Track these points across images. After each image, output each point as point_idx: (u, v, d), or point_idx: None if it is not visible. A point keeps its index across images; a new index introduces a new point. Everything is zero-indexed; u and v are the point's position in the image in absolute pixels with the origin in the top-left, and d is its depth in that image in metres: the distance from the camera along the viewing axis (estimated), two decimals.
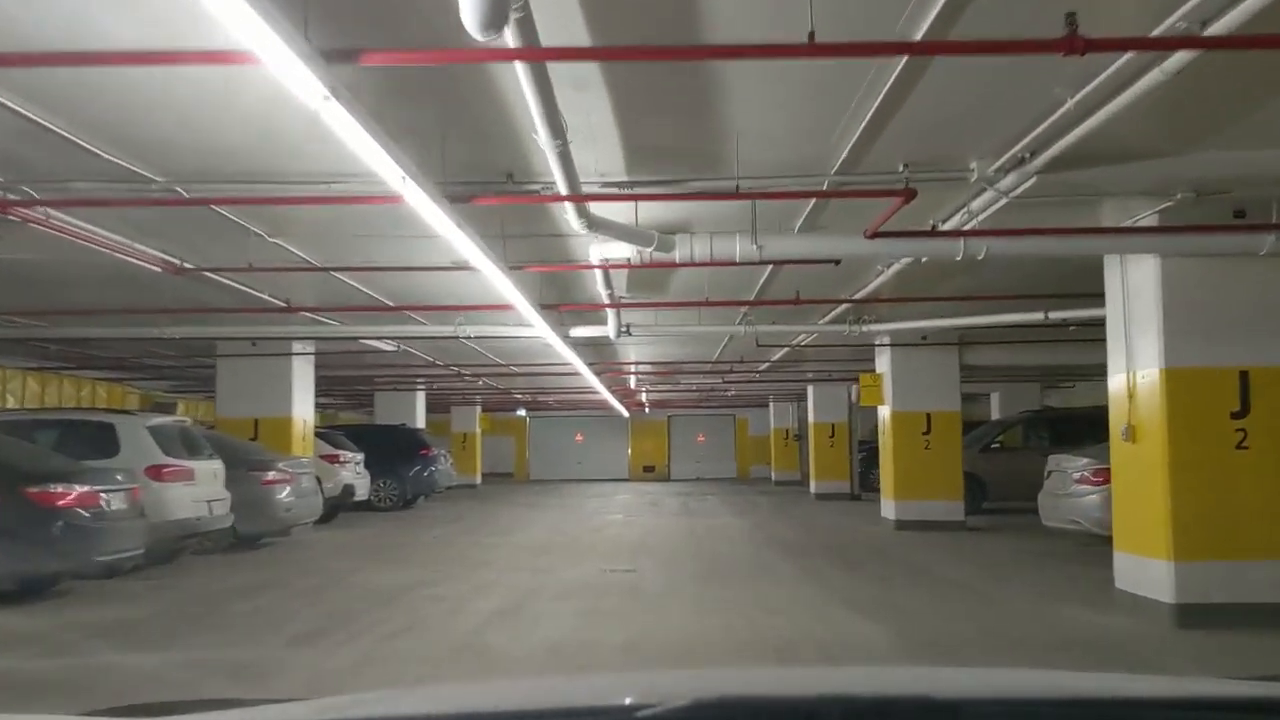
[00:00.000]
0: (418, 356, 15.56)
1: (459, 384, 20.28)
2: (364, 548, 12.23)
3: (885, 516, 13.96)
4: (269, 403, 13.54)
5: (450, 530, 14.43)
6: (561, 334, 10.51)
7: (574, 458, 34.17)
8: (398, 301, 9.63)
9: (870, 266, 8.71)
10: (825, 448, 20.82)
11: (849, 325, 10.39)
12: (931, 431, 13.56)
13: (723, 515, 16.89)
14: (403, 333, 10.71)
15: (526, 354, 15.32)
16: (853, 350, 14.95)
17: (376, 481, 18.26)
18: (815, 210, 6.42)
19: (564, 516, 16.81)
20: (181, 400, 21.32)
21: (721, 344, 14.17)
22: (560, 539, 13.00)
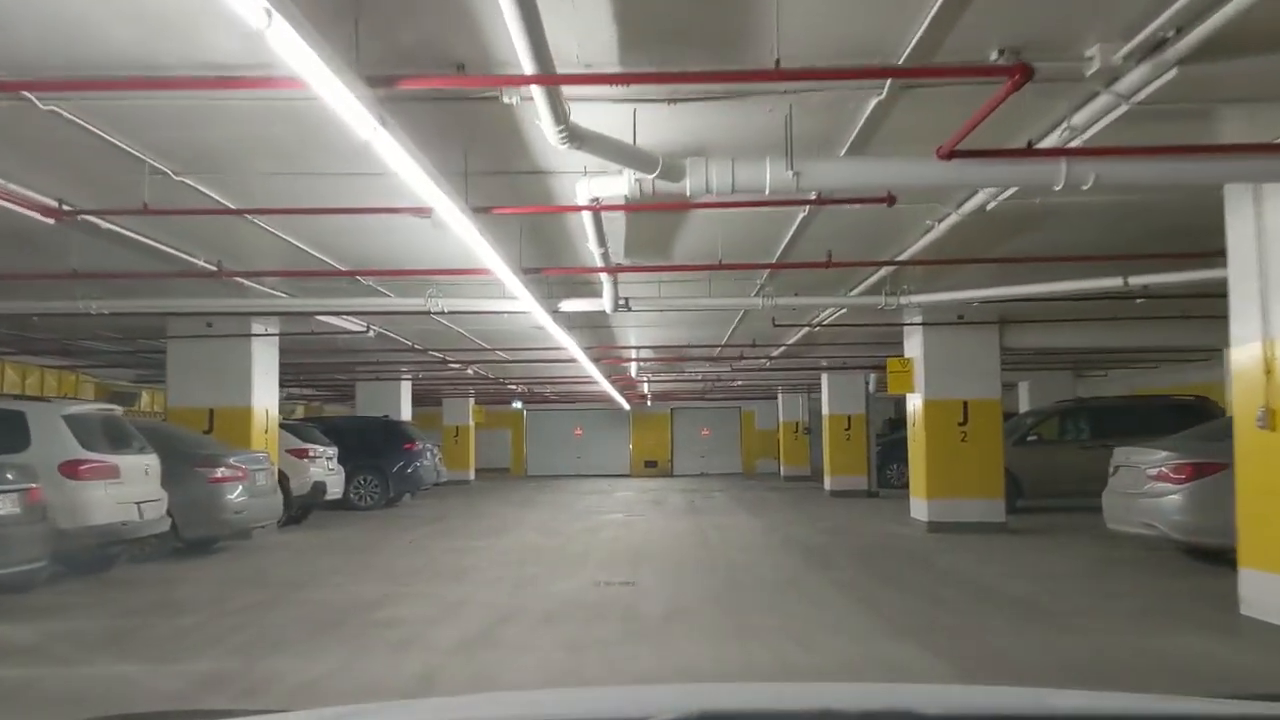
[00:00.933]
0: (397, 341, 14.09)
1: (446, 374, 18.81)
2: (329, 554, 10.77)
3: (915, 517, 12.48)
4: (226, 391, 12.08)
5: (430, 532, 12.97)
6: (550, 308, 9.04)
7: (573, 452, 32.76)
8: (351, 265, 8.14)
9: (918, 221, 7.23)
10: (841, 441, 19.35)
11: (885, 296, 8.91)
12: (969, 422, 12.08)
13: (733, 514, 15.41)
14: (366, 307, 9.23)
15: (515, 337, 13.84)
16: (875, 333, 13.50)
17: (356, 478, 16.87)
18: (871, 123, 4.94)
19: (558, 516, 15.36)
20: (147, 390, 19.89)
21: (733, 323, 12.69)
22: (551, 543, 11.54)
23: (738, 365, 17.85)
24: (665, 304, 9.31)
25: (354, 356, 15.94)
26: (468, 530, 13.18)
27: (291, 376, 19.58)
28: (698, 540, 11.60)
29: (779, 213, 7.05)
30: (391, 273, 8.21)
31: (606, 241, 6.77)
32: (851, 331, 13.42)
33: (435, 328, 13.26)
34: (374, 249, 7.90)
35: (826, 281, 9.42)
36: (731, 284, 9.49)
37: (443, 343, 14.33)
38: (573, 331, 12.23)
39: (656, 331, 14.01)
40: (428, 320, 12.65)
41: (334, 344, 13.50)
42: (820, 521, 13.87)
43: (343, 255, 8.03)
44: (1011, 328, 12.22)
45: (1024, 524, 12.29)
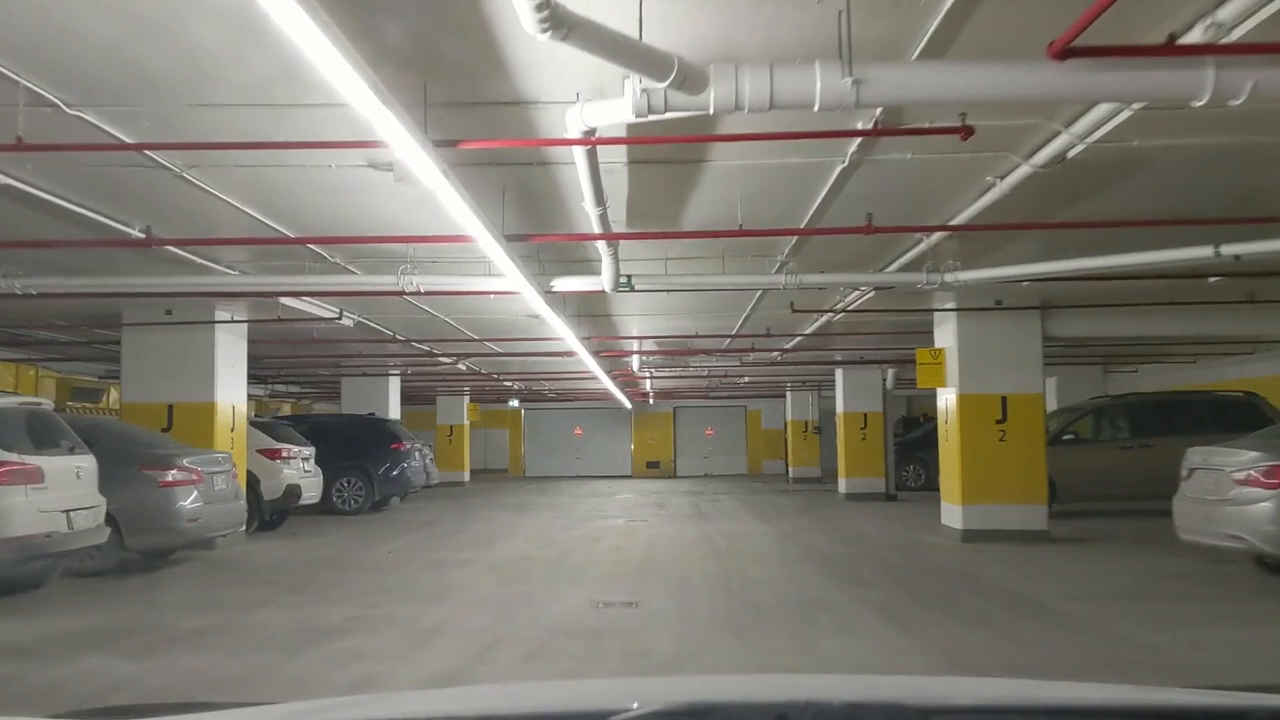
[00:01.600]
0: (379, 332, 12.94)
1: (438, 370, 17.67)
2: (296, 567, 9.63)
3: (947, 524, 11.32)
4: (187, 385, 10.92)
5: (415, 541, 11.83)
6: (542, 287, 7.89)
7: (572, 452, 31.62)
8: (302, 231, 6.98)
9: (976, 177, 6.08)
10: (856, 441, 18.19)
11: (925, 274, 7.74)
12: (1008, 419, 10.92)
13: (742, 520, 14.26)
14: (329, 286, 8.07)
15: (507, 326, 12.69)
16: (898, 323, 12.36)
17: (340, 481, 15.77)
18: (948, 26, 3.78)
19: (555, 521, 14.20)
20: (115, 386, 18.76)
21: (746, 309, 11.52)
22: (546, 553, 10.39)
23: (747, 360, 16.69)
24: (673, 283, 8.15)
25: (336, 349, 14.80)
26: (455, 538, 12.03)
27: (272, 372, 18.48)
28: (707, 550, 10.45)
29: (809, 168, 5.90)
30: (350, 239, 7.03)
31: (605, 200, 5.62)
32: (874, 320, 12.24)
33: (419, 316, 12.11)
34: (333, 214, 6.75)
35: (858, 257, 8.26)
36: (748, 261, 8.34)
37: (428, 333, 13.19)
38: (570, 320, 11.09)
39: (661, 321, 12.86)
40: (410, 308, 11.52)
41: (309, 334, 12.34)
42: (838, 528, 12.71)
43: (298, 222, 6.88)
44: (1055, 314, 11.07)
45: (1067, 531, 11.12)
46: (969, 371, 10.98)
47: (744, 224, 6.37)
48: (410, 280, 7.70)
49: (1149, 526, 12.53)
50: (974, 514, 10.81)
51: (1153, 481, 13.85)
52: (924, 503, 16.82)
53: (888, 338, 13.79)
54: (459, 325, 12.69)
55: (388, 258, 7.98)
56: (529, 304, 9.04)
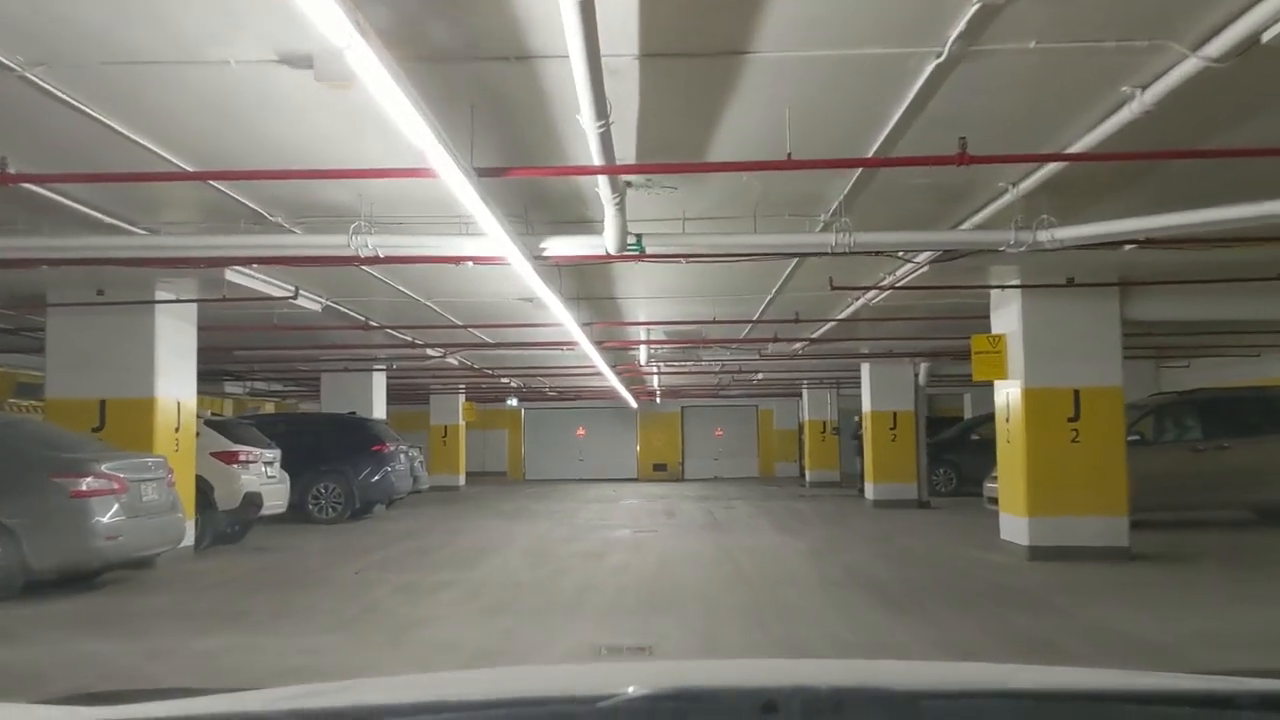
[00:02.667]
0: (351, 318, 11.37)
1: (426, 364, 16.09)
2: (241, 592, 8.08)
3: (1009, 540, 9.70)
4: (123, 378, 9.37)
5: (391, 557, 10.26)
6: (530, 251, 6.31)
7: (575, 454, 30.06)
8: (203, 164, 5.34)
9: (1109, 85, 4.49)
10: (885, 442, 16.58)
11: (1014, 231, 6.13)
12: (1081, 417, 9.32)
13: (764, 531, 12.66)
14: (263, 248, 6.42)
15: (496, 310, 11.13)
16: (946, 305, 10.78)
17: (316, 487, 14.25)
18: None
19: (553, 532, 12.63)
20: None
21: (774, 288, 9.92)
22: (540, 573, 8.80)
23: (766, 353, 15.10)
24: (693, 245, 6.55)
25: (311, 340, 13.22)
26: (438, 554, 10.45)
27: (245, 367, 16.94)
28: (729, 570, 8.86)
29: (888, 67, 4.31)
30: (265, 174, 5.35)
31: (609, 111, 4.04)
32: (918, 304, 10.65)
33: (397, 299, 10.55)
34: (244, 140, 5.16)
35: (922, 213, 6.67)
36: (785, 222, 6.74)
37: (408, 320, 11.61)
38: (568, 304, 9.53)
39: (673, 306, 11.28)
40: (386, 290, 9.97)
41: (270, 320, 10.78)
42: (877, 542, 11.10)
43: (198, 153, 5.28)
44: (1136, 293, 9.46)
45: (1147, 546, 9.50)
46: (1036, 361, 9.37)
47: (793, 153, 4.77)
48: (365, 242, 6.12)
49: (1238, 541, 10.99)
50: (1043, 528, 9.21)
51: (1229, 487, 12.34)
52: (961, 510, 15.26)
53: (928, 325, 12.19)
54: (441, 310, 11.12)
55: (340, 215, 6.40)
56: (519, 279, 7.49)
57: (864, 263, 8.55)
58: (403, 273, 9.12)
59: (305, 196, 6.45)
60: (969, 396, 24.30)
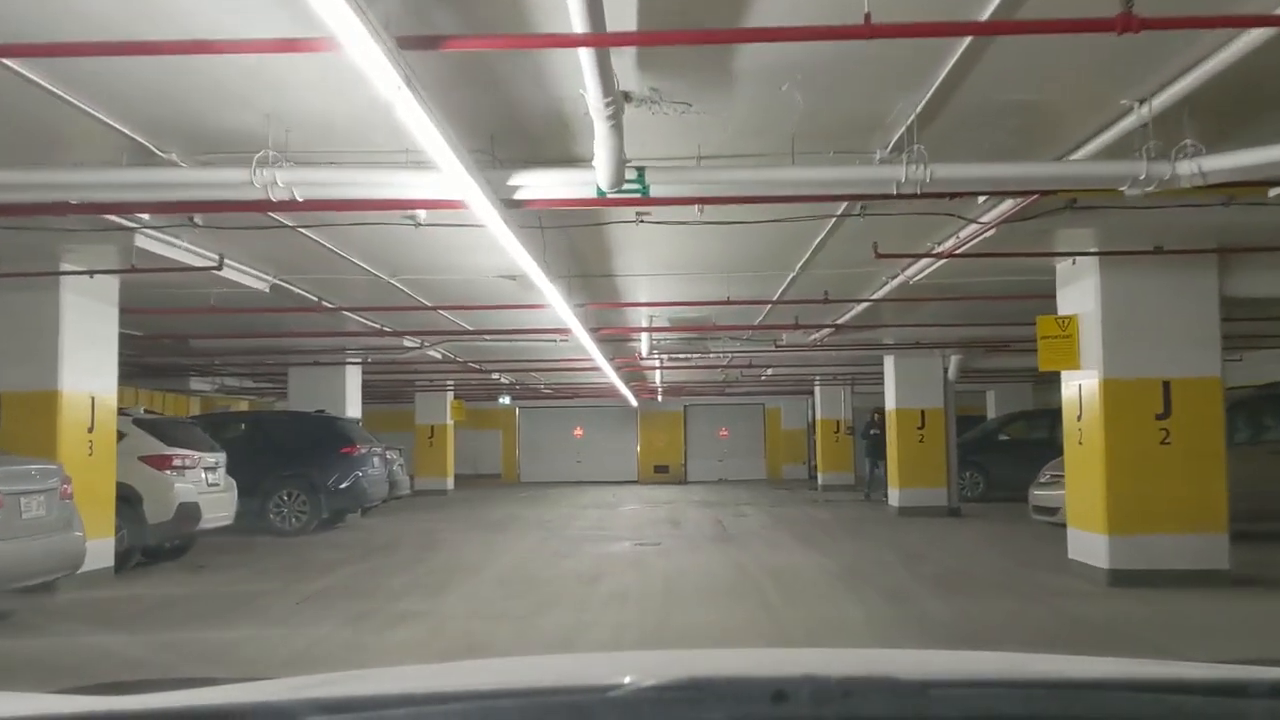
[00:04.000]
0: (303, 299, 9.81)
1: (405, 357, 14.52)
2: (145, 629, 6.52)
3: (1081, 559, 8.14)
4: (20, 367, 7.84)
5: (349, 579, 8.69)
6: (498, 192, 4.75)
7: (572, 456, 28.51)
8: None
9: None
10: (912, 444, 14.98)
11: (1145, 161, 4.55)
12: (1172, 413, 7.75)
13: (784, 545, 11.07)
14: (141, 184, 4.81)
15: (473, 290, 9.57)
16: (999, 283, 9.27)
17: (279, 494, 12.71)
18: None
19: (543, 546, 11.06)
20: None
21: (798, 263, 8.34)
22: (519, 607, 7.22)
23: (782, 344, 13.55)
24: (710, 186, 4.97)
25: (269, 327, 11.66)
26: (404, 574, 8.89)
27: (204, 361, 15.37)
28: (754, 604, 7.27)
29: None
30: (91, 49, 3.75)
31: None
32: (968, 280, 9.12)
33: (356, 277, 9.00)
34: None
35: (1012, 144, 5.11)
36: (828, 159, 5.17)
37: (369, 301, 10.04)
38: (558, 283, 7.99)
39: (680, 286, 9.71)
40: (339, 265, 8.43)
41: (206, 301, 9.23)
42: (920, 561, 9.53)
43: None
44: (1237, 264, 7.89)
45: (1247, 567, 7.92)
46: (1117, 347, 7.81)
47: (872, 14, 3.20)
48: (273, 178, 4.56)
49: None
50: (1126, 548, 7.64)
51: None
52: (997, 519, 13.73)
53: (972, 309, 10.65)
54: (409, 289, 9.56)
55: (247, 143, 4.82)
56: (496, 248, 5.96)
57: (917, 224, 7.01)
58: (353, 239, 7.57)
59: (205, 124, 4.89)
60: (992, 394, 22.76)
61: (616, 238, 7.69)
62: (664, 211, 6.47)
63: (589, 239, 7.66)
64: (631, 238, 7.63)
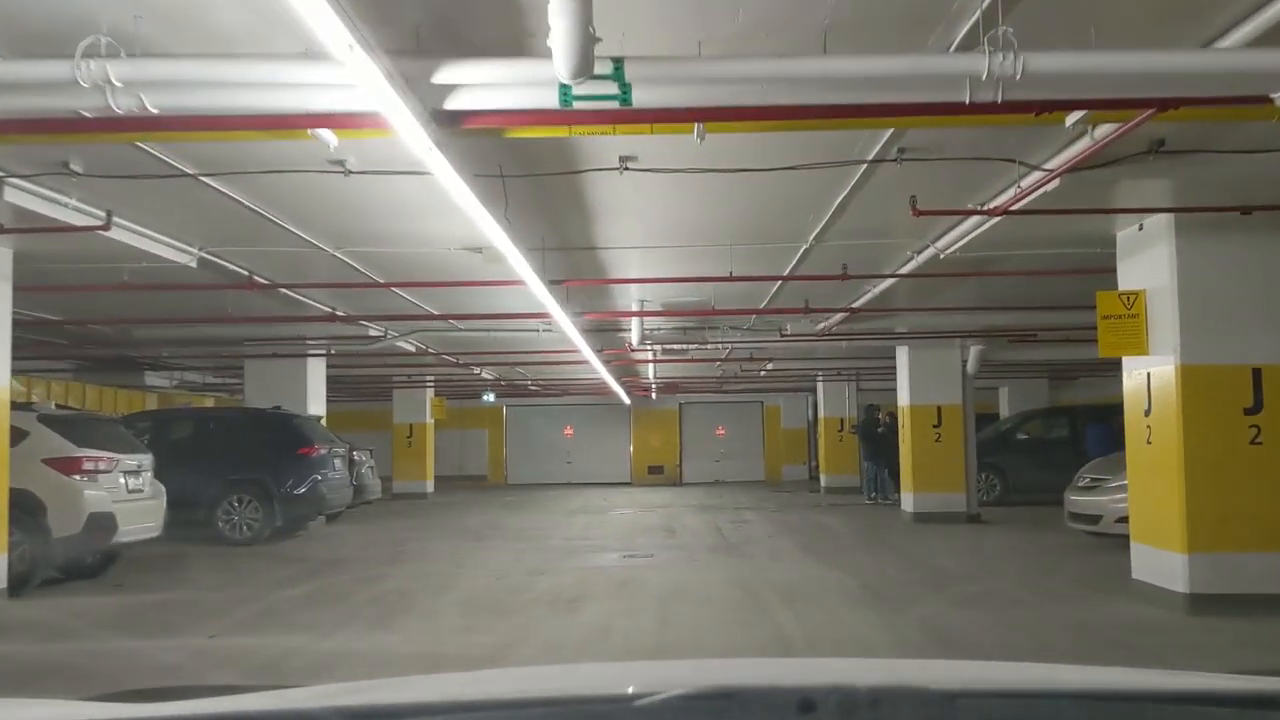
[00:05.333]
0: (235, 275, 8.50)
1: (374, 349, 13.18)
2: (12, 672, 5.20)
3: (1147, 581, 6.87)
4: None
5: (282, 604, 7.37)
6: (423, 99, 3.44)
7: (562, 456, 27.19)
8: None
9: None
10: (928, 443, 13.70)
11: None
12: (1265, 406, 6.48)
13: (793, 559, 9.77)
14: None
15: (428, 263, 8.27)
16: (1040, 257, 8.05)
17: (229, 499, 11.41)
18: None
19: (521, 560, 9.76)
20: None
21: (826, 215, 6.97)
22: (478, 645, 5.90)
23: (788, 333, 12.27)
24: (711, 80, 3.61)
25: (210, 310, 10.34)
26: (354, 599, 7.57)
27: (151, 353, 14.04)
28: (765, 634, 5.96)
29: None
30: None
31: None
32: (1012, 253, 7.87)
33: (295, 248, 7.70)
34: None
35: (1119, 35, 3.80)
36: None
37: (308, 275, 8.72)
38: (531, 254, 6.72)
39: (673, 260, 8.41)
40: (274, 234, 7.14)
41: (119, 277, 7.91)
42: (954, 581, 8.23)
43: None
44: None
45: None
46: (1196, 327, 6.53)
47: None
48: (107, 73, 3.25)
49: None
50: (1208, 568, 6.37)
51: None
52: (1022, 527, 12.49)
53: (1008, 288, 9.40)
54: (356, 263, 8.25)
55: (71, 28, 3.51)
56: (452, 208, 4.68)
57: (964, 173, 5.74)
58: (279, 198, 6.26)
59: (27, 10, 3.58)
60: (1005, 391, 21.50)
61: (598, 198, 6.39)
62: (654, 149, 5.19)
63: (564, 197, 6.36)
64: (616, 197, 6.34)
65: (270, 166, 5.43)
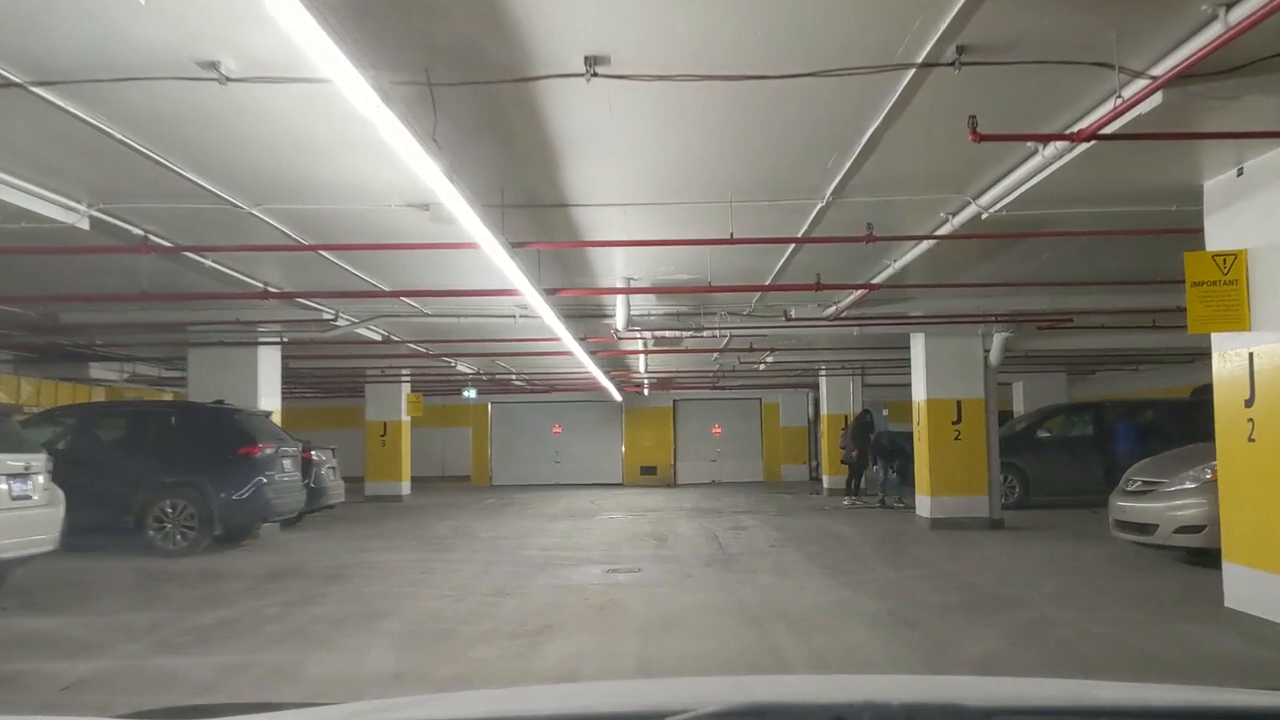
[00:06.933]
0: (125, 233, 7.14)
1: (331, 337, 11.81)
2: None
3: (1246, 609, 5.55)
4: None
5: (173, 640, 5.99)
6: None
7: (550, 455, 25.90)
8: None
9: None
10: (946, 441, 12.37)
11: None
12: None
13: (802, 575, 8.41)
14: None
15: (363, 222, 6.91)
16: (1114, 215, 6.75)
17: (161, 505, 10.09)
18: None
19: (485, 577, 8.41)
20: None
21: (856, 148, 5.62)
22: (417, 691, 4.57)
23: (793, 318, 10.93)
24: None
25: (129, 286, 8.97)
26: (260, 635, 6.17)
27: (85, 340, 12.67)
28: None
29: None
30: None
31: None
32: (1065, 208, 6.56)
33: (205, 205, 6.34)
34: None
35: None
36: None
37: (220, 237, 7.32)
38: (488, 211, 5.40)
39: (661, 220, 7.05)
40: (172, 183, 5.80)
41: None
42: (999, 603, 6.89)
43: None
44: None
45: None
46: None
47: None
48: None
49: None
50: None
51: None
52: (1052, 533, 11.23)
53: (1046, 267, 8.08)
54: (277, 222, 6.87)
55: None
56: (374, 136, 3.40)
57: (1043, 88, 4.41)
58: (154, 128, 4.90)
59: None
60: (1020, 386, 20.22)
61: (564, 126, 5.04)
62: (630, 45, 3.85)
63: (521, 125, 5.00)
64: (587, 124, 4.99)
65: (120, 73, 4.08)
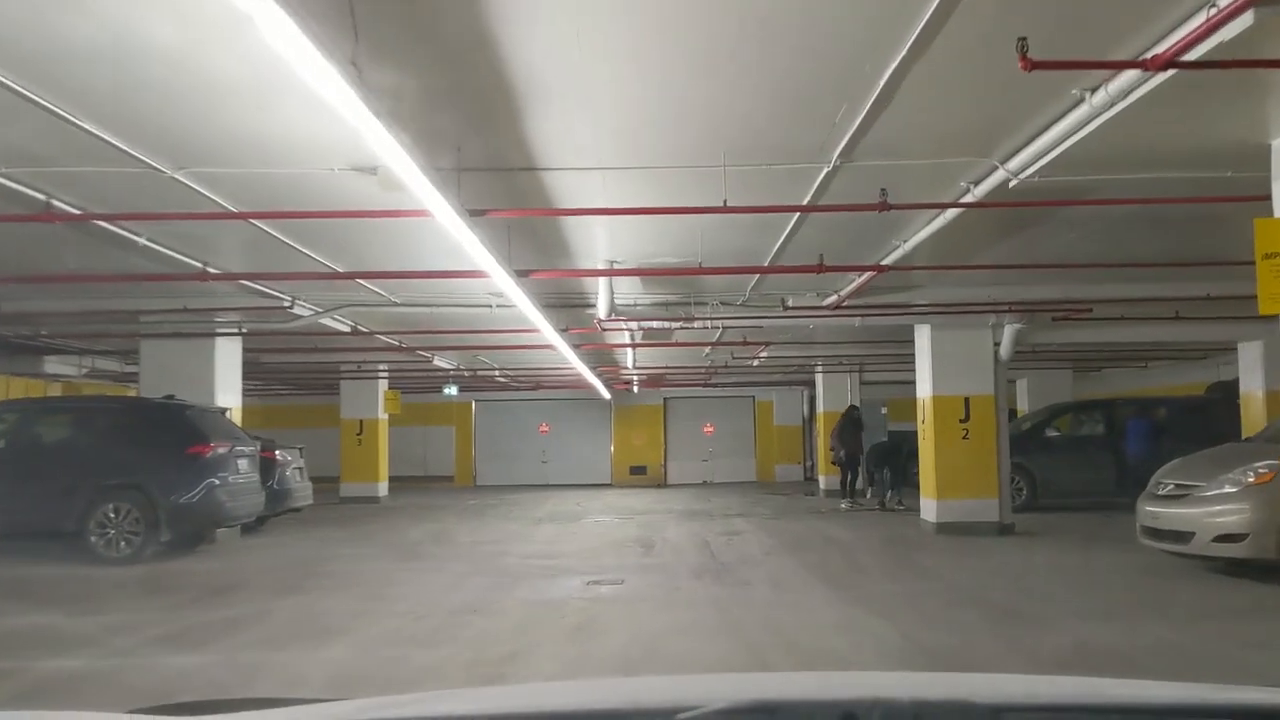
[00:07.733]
0: (29, 199, 6.28)
1: (295, 327, 10.94)
2: None
3: None
4: None
5: (91, 667, 5.17)
6: None
7: (536, 455, 25.06)
8: None
9: None
10: (953, 440, 11.57)
11: None
12: None
13: (801, 589, 7.58)
14: None
15: (298, 187, 6.06)
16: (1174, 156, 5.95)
17: (103, 509, 9.28)
18: None
19: (454, 592, 7.57)
20: None
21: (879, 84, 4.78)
22: None
23: (791, 306, 10.12)
24: None
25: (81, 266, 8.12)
26: (185, 659, 5.35)
27: (28, 331, 11.78)
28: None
29: None
30: None
31: None
32: (1106, 174, 5.77)
33: (124, 169, 5.49)
34: None
35: None
36: None
37: (137, 204, 6.45)
38: (444, 175, 4.56)
39: (649, 186, 6.22)
40: (75, 139, 4.95)
41: None
42: (1028, 625, 6.08)
43: None
44: None
45: None
46: None
47: None
48: None
49: None
50: None
51: None
52: (1069, 539, 10.52)
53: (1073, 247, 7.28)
54: (199, 185, 6.00)
55: None
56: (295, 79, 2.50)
57: (1100, 15, 3.60)
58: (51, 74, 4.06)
59: None
60: (1024, 382, 19.49)
61: (523, 60, 4.20)
62: None
63: (468, 54, 4.17)
64: (550, 57, 4.15)
65: None
